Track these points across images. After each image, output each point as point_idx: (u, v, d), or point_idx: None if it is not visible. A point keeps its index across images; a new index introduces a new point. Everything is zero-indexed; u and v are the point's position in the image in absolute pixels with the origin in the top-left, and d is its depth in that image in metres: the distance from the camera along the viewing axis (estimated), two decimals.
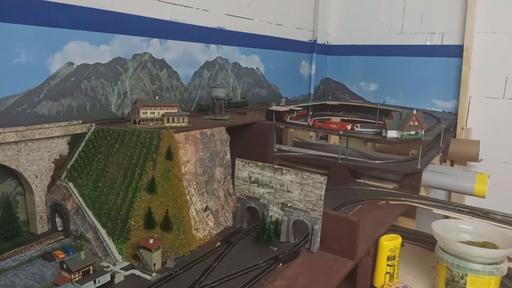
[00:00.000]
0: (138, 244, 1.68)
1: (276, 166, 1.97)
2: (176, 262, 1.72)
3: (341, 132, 3.02)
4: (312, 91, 4.59)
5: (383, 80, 4.53)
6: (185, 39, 2.84)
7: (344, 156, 3.10)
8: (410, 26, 4.28)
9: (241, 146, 2.52)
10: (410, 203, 2.54)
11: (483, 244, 1.94)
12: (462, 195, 3.68)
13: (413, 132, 2.82)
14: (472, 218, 2.29)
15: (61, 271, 1.53)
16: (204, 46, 3.02)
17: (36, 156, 1.94)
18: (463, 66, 3.94)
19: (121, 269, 1.66)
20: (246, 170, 2.06)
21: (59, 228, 1.96)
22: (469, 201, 3.29)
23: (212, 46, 3.09)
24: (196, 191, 2.01)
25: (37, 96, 2.01)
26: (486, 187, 2.75)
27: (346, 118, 4.37)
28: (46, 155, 1.99)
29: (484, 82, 3.93)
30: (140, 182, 1.82)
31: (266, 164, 2.00)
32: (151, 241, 1.66)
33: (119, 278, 1.58)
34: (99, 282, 1.52)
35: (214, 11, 3.06)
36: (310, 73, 4.55)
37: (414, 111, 2.81)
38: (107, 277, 1.55)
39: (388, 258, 1.98)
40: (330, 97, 4.84)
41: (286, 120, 3.40)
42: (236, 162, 2.08)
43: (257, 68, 3.67)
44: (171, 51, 2.75)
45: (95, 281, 1.51)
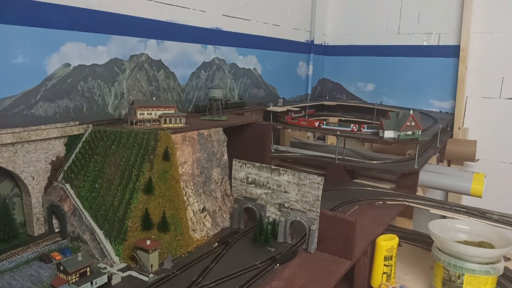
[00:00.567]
0: (135, 245, 1.68)
1: (273, 167, 1.98)
2: (174, 263, 1.72)
3: (338, 133, 3.02)
4: (310, 92, 4.60)
5: (381, 81, 4.54)
6: (182, 40, 2.84)
7: (342, 157, 3.10)
8: (407, 27, 4.29)
9: (239, 147, 2.52)
10: (407, 203, 2.54)
11: (480, 244, 1.95)
12: (460, 195, 3.69)
13: (410, 132, 2.82)
14: (469, 218, 2.29)
15: (58, 273, 1.53)
16: (201, 47, 3.02)
17: (33, 158, 1.93)
18: (460, 66, 3.95)
19: (118, 271, 1.66)
20: (244, 171, 2.06)
21: (56, 230, 1.95)
22: (466, 201, 3.31)
23: (209, 47, 3.09)
24: (193, 192, 2.01)
25: (34, 97, 2.00)
26: (483, 187, 2.76)
27: (344, 118, 4.37)
28: (43, 157, 1.98)
29: (481, 82, 3.95)
30: (137, 183, 1.82)
31: (263, 165, 2.00)
32: (148, 242, 1.66)
33: (116, 280, 1.58)
34: (96, 284, 1.52)
35: (211, 12, 3.06)
36: (308, 74, 4.55)
37: (411, 112, 2.81)
38: (104, 279, 1.54)
39: (385, 258, 1.99)
40: (328, 98, 4.84)
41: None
42: (234, 163, 2.08)
43: (255, 69, 3.67)
44: (168, 52, 2.75)
45: (92, 283, 1.50)
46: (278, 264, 1.75)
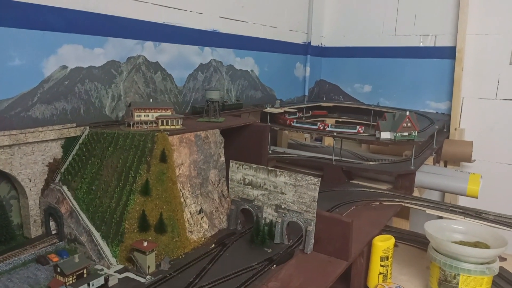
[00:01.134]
0: (132, 247, 1.68)
1: (270, 168, 1.98)
2: (171, 265, 1.72)
3: (335, 134, 3.03)
4: (307, 93, 4.61)
5: (377, 82, 4.56)
6: (179, 42, 2.85)
7: (339, 158, 3.11)
8: (404, 28, 4.31)
9: (236, 148, 2.53)
10: (404, 204, 2.55)
11: (475, 244, 1.96)
12: (456, 196, 3.71)
13: (406, 133, 2.84)
14: (465, 218, 2.30)
15: (55, 275, 1.53)
16: (198, 49, 3.03)
17: (30, 160, 1.94)
18: (456, 68, 3.97)
19: (115, 272, 1.66)
20: (240, 172, 2.07)
21: (53, 232, 1.95)
22: (462, 202, 3.32)
23: (206, 49, 3.10)
24: (191, 194, 2.01)
25: (31, 100, 2.01)
26: (479, 188, 2.77)
27: (341, 120, 4.39)
28: (40, 159, 1.98)
29: (477, 83, 3.97)
30: (134, 185, 1.82)
31: (260, 166, 2.01)
32: (145, 244, 1.66)
33: (113, 281, 1.58)
34: (93, 285, 1.52)
35: (208, 14, 3.07)
36: (305, 75, 4.57)
37: (407, 113, 2.83)
38: (101, 280, 1.55)
39: (382, 259, 2.00)
40: (325, 99, 4.86)
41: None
42: (230, 164, 2.09)
43: (252, 70, 3.68)
44: (165, 54, 2.75)
45: (89, 284, 1.51)
46: (275, 265, 1.76)
